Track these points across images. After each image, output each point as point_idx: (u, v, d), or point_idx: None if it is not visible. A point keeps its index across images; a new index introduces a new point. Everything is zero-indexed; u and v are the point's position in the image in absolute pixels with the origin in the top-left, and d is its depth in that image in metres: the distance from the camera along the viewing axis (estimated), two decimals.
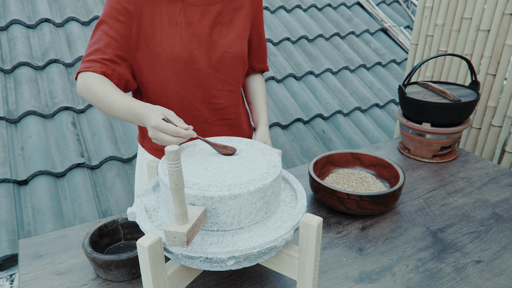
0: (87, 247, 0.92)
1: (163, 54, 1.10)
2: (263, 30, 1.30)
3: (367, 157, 1.36)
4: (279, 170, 0.82)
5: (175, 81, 1.14)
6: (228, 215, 0.76)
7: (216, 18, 1.13)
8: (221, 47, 1.15)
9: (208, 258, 0.72)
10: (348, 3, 3.85)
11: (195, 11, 1.11)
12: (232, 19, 1.17)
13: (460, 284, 0.95)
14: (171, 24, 1.09)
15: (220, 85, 1.19)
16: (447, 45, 1.90)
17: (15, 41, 2.55)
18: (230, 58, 1.17)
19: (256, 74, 1.36)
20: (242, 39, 1.19)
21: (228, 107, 1.23)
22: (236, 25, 1.18)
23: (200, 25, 1.12)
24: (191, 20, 1.11)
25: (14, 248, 1.73)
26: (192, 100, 1.17)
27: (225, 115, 1.24)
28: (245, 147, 0.92)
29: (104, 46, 1.07)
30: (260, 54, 1.32)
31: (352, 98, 3.01)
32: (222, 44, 1.15)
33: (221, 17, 1.15)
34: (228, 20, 1.16)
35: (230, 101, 1.23)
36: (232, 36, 1.17)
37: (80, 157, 2.11)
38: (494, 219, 1.19)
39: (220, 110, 1.22)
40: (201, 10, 1.11)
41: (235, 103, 1.26)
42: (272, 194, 0.80)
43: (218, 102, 1.21)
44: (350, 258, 1.03)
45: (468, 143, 1.87)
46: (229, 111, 1.24)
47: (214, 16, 1.13)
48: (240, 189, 0.75)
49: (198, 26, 1.11)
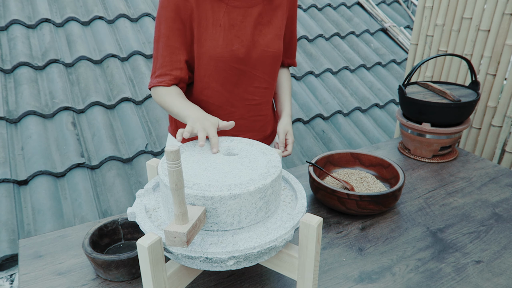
0: (87, 247, 0.92)
1: (207, 54, 1.16)
2: (295, 26, 1.35)
3: (367, 157, 1.36)
4: (279, 170, 0.82)
5: (216, 79, 1.20)
6: (228, 215, 0.76)
7: (256, 19, 1.19)
8: (261, 46, 1.20)
9: (208, 258, 0.72)
10: (348, 3, 3.85)
11: (238, 13, 1.16)
12: (271, 18, 1.22)
13: (460, 284, 0.95)
14: (215, 25, 1.15)
15: (257, 83, 1.25)
16: (447, 45, 1.90)
17: (15, 41, 2.55)
18: (269, 57, 1.22)
19: (284, 68, 1.41)
20: (279, 38, 1.24)
21: (262, 103, 1.29)
22: (275, 25, 1.23)
23: (242, 26, 1.17)
24: (234, 21, 1.16)
25: (14, 248, 1.73)
26: (230, 98, 1.24)
27: (259, 111, 1.30)
28: (245, 147, 0.92)
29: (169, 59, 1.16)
30: (290, 50, 1.38)
31: (352, 98, 3.01)
32: (261, 44, 1.20)
33: (261, 18, 1.20)
34: (267, 20, 1.21)
35: (264, 97, 1.29)
36: (271, 35, 1.22)
37: (80, 157, 2.11)
38: (494, 219, 1.19)
39: (255, 106, 1.28)
40: (243, 12, 1.17)
41: (268, 100, 1.32)
42: (272, 194, 0.80)
43: (253, 99, 1.26)
44: (350, 258, 1.03)
45: (468, 143, 1.87)
46: (263, 107, 1.30)
47: (255, 17, 1.18)
48: (240, 189, 0.75)
49: (240, 27, 1.17)
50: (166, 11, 1.13)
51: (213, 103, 1.24)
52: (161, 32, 1.15)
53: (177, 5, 1.12)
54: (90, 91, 2.44)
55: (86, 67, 2.58)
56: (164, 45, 1.15)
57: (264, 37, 1.21)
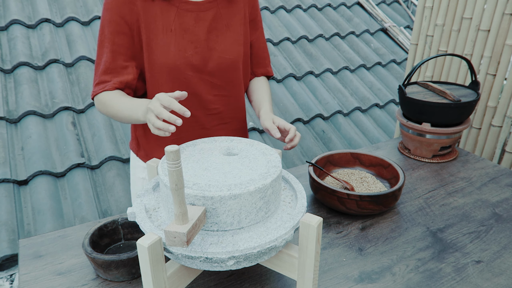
0: (87, 247, 0.92)
1: (158, 61, 1.09)
2: (262, 34, 1.28)
3: (367, 157, 1.36)
4: (279, 170, 0.82)
5: (171, 88, 1.12)
6: (228, 215, 0.76)
7: (211, 23, 1.12)
8: (217, 52, 1.13)
9: (208, 258, 0.72)
10: (348, 3, 3.85)
11: (190, 16, 1.09)
12: (229, 23, 1.15)
13: (460, 284, 0.95)
14: (166, 31, 1.08)
15: (216, 91, 1.18)
16: (447, 45, 1.90)
17: (15, 41, 2.55)
18: (226, 64, 1.16)
19: (260, 80, 1.33)
20: (239, 44, 1.18)
21: (224, 111, 1.22)
22: (233, 30, 1.16)
23: (196, 31, 1.10)
24: (186, 26, 1.09)
25: (14, 248, 1.73)
26: (188, 107, 1.14)
27: (222, 120, 1.23)
28: (245, 147, 0.92)
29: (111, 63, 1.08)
30: (261, 58, 1.30)
31: (352, 98, 3.01)
32: (218, 50, 1.13)
33: (216, 22, 1.13)
34: (224, 24, 1.14)
35: (227, 105, 1.22)
36: (229, 41, 1.15)
37: (80, 157, 2.11)
38: (494, 219, 1.19)
39: (217, 115, 1.21)
40: (195, 16, 1.10)
41: (233, 108, 1.24)
42: (272, 194, 0.80)
43: (214, 108, 1.20)
44: (350, 258, 1.03)
45: (468, 143, 1.87)
46: (226, 115, 1.23)
47: (209, 21, 1.11)
48: (240, 189, 0.75)
49: (193, 32, 1.10)
50: (110, 14, 1.06)
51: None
52: (105, 37, 1.08)
53: (121, 8, 1.05)
54: (90, 91, 2.45)
55: (86, 67, 2.58)
56: (109, 50, 1.08)
57: (221, 43, 1.14)
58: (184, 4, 1.08)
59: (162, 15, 1.07)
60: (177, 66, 1.10)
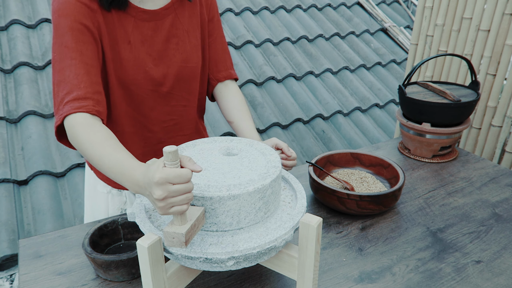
0: (87, 247, 0.92)
1: (114, 76, 1.00)
2: (220, 35, 1.19)
3: (367, 157, 1.36)
4: (279, 171, 0.82)
5: (128, 103, 1.05)
6: (227, 216, 0.76)
7: (169, 31, 1.04)
8: (177, 62, 1.06)
9: (208, 259, 0.72)
10: (348, 3, 3.85)
11: (148, 27, 1.01)
12: (187, 28, 1.07)
13: (460, 284, 0.95)
14: (124, 43, 0.98)
15: (174, 101, 1.11)
16: (447, 45, 1.90)
17: (15, 41, 2.55)
18: (187, 73, 1.09)
19: (227, 85, 1.21)
20: (198, 50, 1.10)
21: (181, 122, 1.15)
22: (191, 35, 1.08)
23: (154, 42, 1.02)
24: (144, 37, 1.00)
25: (14, 248, 1.73)
26: (145, 122, 1.09)
27: (179, 131, 1.16)
28: (245, 147, 0.92)
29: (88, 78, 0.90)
30: (219, 62, 1.19)
31: (352, 98, 3.01)
32: (178, 59, 1.06)
33: (175, 29, 1.05)
34: (183, 30, 1.06)
35: (184, 116, 1.15)
36: (189, 48, 1.08)
37: (80, 157, 2.10)
38: (494, 219, 1.19)
39: (174, 127, 1.14)
40: (153, 26, 1.01)
41: (190, 118, 1.17)
42: (272, 194, 0.80)
43: (171, 119, 1.13)
44: (350, 258, 1.03)
45: (468, 143, 1.87)
46: (183, 126, 1.16)
47: (167, 29, 1.03)
48: (239, 189, 0.75)
49: (151, 43, 1.01)
50: (69, 21, 0.90)
51: (128, 131, 1.08)
52: (67, 47, 0.89)
53: (82, 14, 0.91)
54: None
55: None
56: (78, 62, 0.90)
57: (182, 51, 1.06)
58: (141, 13, 0.99)
59: (121, 26, 0.98)
60: (137, 81, 1.01)
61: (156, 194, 0.66)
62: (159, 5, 1.02)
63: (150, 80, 1.03)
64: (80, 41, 0.91)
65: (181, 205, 0.68)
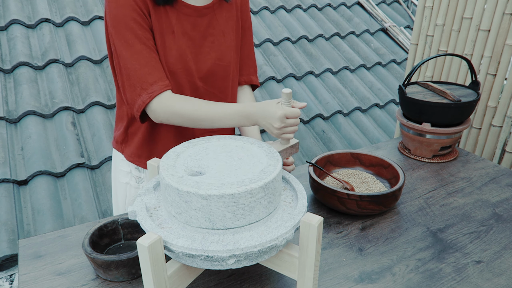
0: (87, 247, 0.92)
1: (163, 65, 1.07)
2: (250, 41, 1.25)
3: (367, 157, 1.36)
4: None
5: None
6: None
7: (206, 29, 1.10)
8: (211, 59, 1.12)
9: (209, 257, 0.72)
10: (348, 3, 3.85)
11: (188, 21, 1.08)
12: (224, 29, 1.14)
13: (460, 284, 0.95)
14: (168, 33, 1.06)
15: (207, 97, 1.16)
16: (447, 45, 1.90)
17: (15, 41, 2.55)
18: (219, 71, 1.15)
19: (243, 89, 1.28)
20: (231, 50, 1.16)
21: None
22: (227, 36, 1.15)
23: (192, 37, 1.09)
24: (184, 30, 1.08)
25: (14, 248, 1.73)
26: None
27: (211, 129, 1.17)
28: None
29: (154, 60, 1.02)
30: (247, 65, 1.26)
31: (352, 98, 3.01)
32: (212, 56, 1.12)
33: (212, 28, 1.11)
34: (220, 30, 1.13)
35: None
36: (223, 47, 1.14)
37: (80, 157, 2.10)
38: (494, 219, 1.19)
39: None
40: (193, 21, 1.08)
41: None
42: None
43: None
44: (350, 258, 1.03)
45: (468, 143, 1.87)
46: None
47: (205, 27, 1.10)
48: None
49: (191, 37, 1.09)
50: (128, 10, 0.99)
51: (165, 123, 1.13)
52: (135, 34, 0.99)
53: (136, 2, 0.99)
54: (90, 91, 2.44)
55: (86, 67, 2.58)
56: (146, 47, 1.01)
57: (216, 50, 1.12)
58: (184, 7, 1.06)
59: (166, 17, 1.05)
60: (178, 70, 1.08)
61: (276, 124, 0.93)
62: (201, 2, 1.09)
63: (187, 70, 1.10)
64: (143, 28, 1.01)
65: (290, 133, 0.96)
